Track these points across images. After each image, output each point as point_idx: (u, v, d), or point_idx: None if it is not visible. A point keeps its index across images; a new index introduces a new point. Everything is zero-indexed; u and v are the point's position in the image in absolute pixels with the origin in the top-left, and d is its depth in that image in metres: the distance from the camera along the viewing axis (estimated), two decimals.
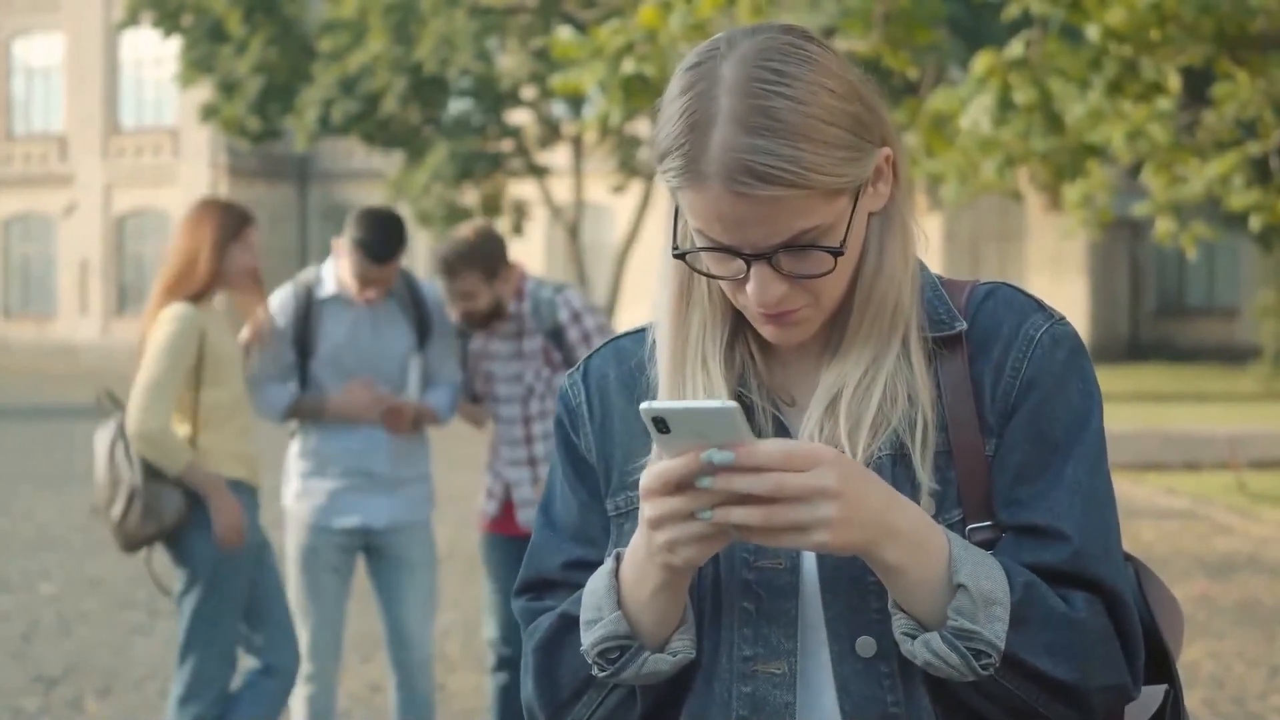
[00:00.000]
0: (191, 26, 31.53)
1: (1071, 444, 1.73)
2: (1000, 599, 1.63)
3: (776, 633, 1.74)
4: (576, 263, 31.28)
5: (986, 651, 1.62)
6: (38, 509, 13.44)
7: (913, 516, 1.65)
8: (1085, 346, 1.78)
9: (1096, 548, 1.70)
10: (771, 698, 1.74)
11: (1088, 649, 1.67)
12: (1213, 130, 12.88)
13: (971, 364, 1.76)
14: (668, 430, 1.58)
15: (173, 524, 4.98)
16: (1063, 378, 1.75)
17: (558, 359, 5.45)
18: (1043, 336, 1.75)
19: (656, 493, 1.61)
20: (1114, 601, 1.70)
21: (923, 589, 1.64)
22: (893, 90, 24.64)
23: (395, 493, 5.39)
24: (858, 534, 1.60)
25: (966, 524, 1.72)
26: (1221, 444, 16.82)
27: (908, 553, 1.63)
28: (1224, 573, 10.31)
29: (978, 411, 1.74)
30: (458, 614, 8.54)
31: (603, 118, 9.58)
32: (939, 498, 1.72)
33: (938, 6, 9.91)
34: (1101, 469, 1.74)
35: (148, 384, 4.95)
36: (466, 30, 28.39)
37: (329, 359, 5.34)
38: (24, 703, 7.08)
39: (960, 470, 1.73)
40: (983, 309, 1.78)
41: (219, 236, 5.06)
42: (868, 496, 1.61)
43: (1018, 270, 38.92)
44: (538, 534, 1.91)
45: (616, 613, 1.74)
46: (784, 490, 1.56)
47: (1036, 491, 1.72)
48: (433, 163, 29.84)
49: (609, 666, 1.75)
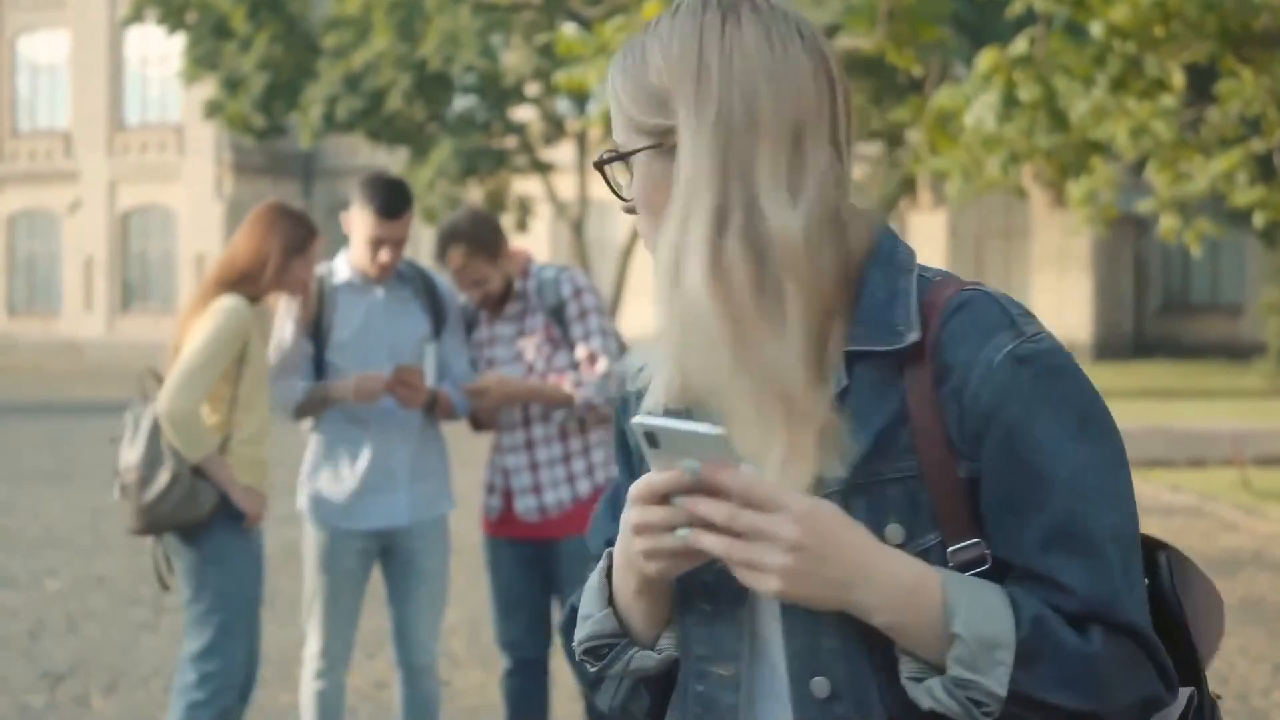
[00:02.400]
0: (196, 23, 31.56)
1: (1054, 476, 1.64)
2: (1003, 640, 1.58)
3: (728, 635, 1.76)
4: (581, 259, 31.27)
5: (986, 701, 1.58)
6: (44, 507, 13.46)
7: (895, 569, 1.61)
8: (1067, 363, 1.68)
9: (1102, 596, 1.62)
10: (719, 699, 1.77)
11: (1107, 677, 1.61)
12: (1217, 127, 12.88)
13: (936, 384, 1.67)
14: (658, 445, 1.60)
15: (206, 513, 4.98)
16: (1031, 403, 1.64)
17: (558, 335, 5.43)
18: (1003, 360, 1.65)
19: (642, 500, 1.63)
20: (1133, 635, 1.63)
21: (921, 638, 1.61)
22: (897, 87, 24.65)
23: (414, 489, 5.36)
24: (816, 590, 1.59)
25: (946, 546, 1.66)
26: (1226, 441, 16.82)
27: (892, 607, 1.60)
28: (1229, 570, 10.31)
29: (944, 434, 1.66)
30: (464, 611, 8.55)
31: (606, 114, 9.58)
32: (910, 522, 1.66)
33: (942, 4, 9.91)
34: (1097, 502, 1.64)
35: (186, 368, 4.93)
36: (471, 27, 28.39)
37: (345, 346, 5.30)
38: (30, 699, 7.10)
39: (934, 492, 1.67)
40: (952, 322, 1.68)
41: (288, 246, 5.07)
42: (837, 555, 1.58)
43: (1022, 267, 38.91)
44: (598, 509, 1.98)
45: (605, 610, 1.79)
46: (737, 524, 1.57)
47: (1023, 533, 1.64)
48: (437, 159, 29.85)
49: (597, 662, 1.80)
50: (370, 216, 5.20)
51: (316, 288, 5.33)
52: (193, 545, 5.07)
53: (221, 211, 42.91)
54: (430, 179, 29.88)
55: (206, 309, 5.03)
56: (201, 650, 5.07)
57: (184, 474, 4.95)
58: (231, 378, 5.05)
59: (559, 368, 5.40)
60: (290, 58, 30.81)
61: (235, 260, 5.09)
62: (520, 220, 31.69)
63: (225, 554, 5.06)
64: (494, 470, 5.51)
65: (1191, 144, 12.89)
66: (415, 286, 5.42)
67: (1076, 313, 38.33)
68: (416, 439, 5.37)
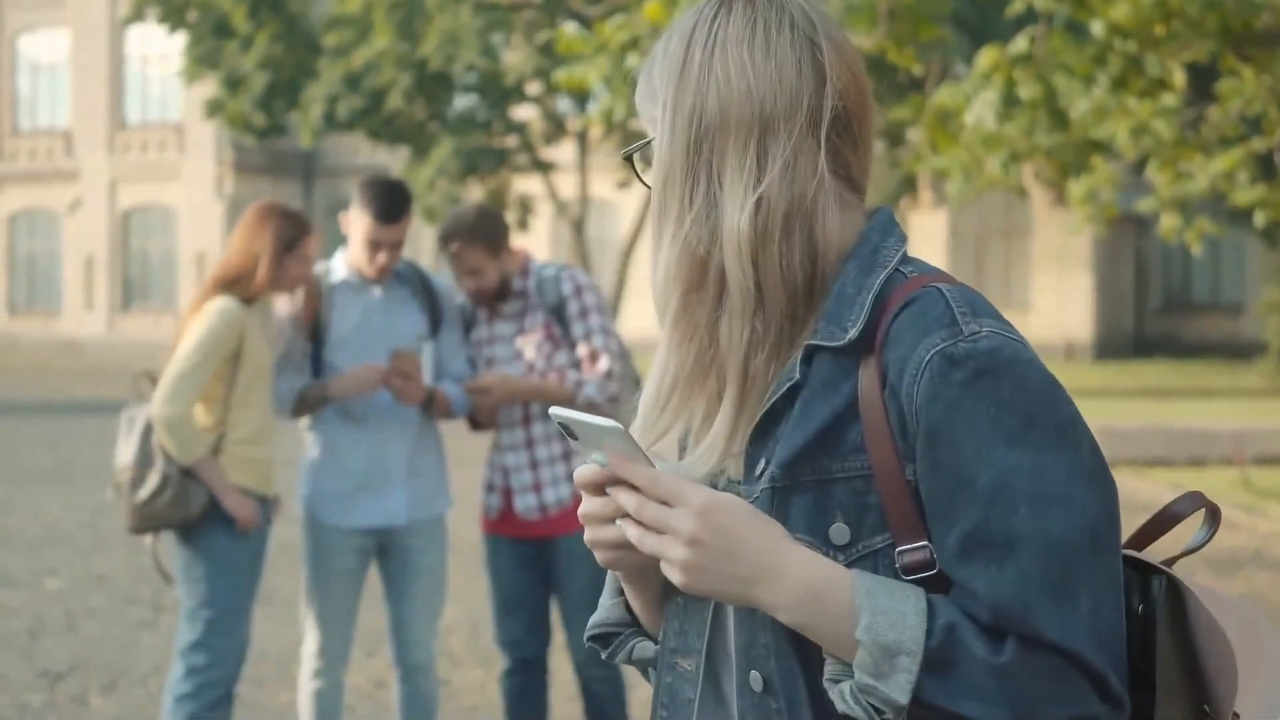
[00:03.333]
0: (197, 22, 31.56)
1: (975, 483, 1.58)
2: (908, 648, 1.55)
3: (693, 630, 1.78)
4: (582, 258, 31.28)
5: (883, 708, 1.57)
6: (43, 505, 13.45)
7: (803, 571, 1.60)
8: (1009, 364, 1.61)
9: (1010, 606, 1.56)
10: (681, 692, 1.79)
11: (1024, 689, 1.56)
12: (1217, 126, 12.87)
13: (882, 383, 1.64)
14: (575, 438, 1.65)
15: (197, 513, 5.01)
16: (959, 404, 1.60)
17: (558, 334, 5.42)
18: (933, 359, 1.61)
19: (581, 490, 1.68)
20: (1055, 652, 1.56)
21: (829, 640, 1.61)
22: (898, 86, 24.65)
23: (413, 487, 5.36)
24: (717, 585, 1.61)
25: (896, 547, 1.63)
26: (1226, 440, 16.80)
27: (800, 607, 1.60)
28: (1229, 569, 10.31)
29: (891, 434, 1.63)
30: (463, 610, 8.54)
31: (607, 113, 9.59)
32: (857, 523, 1.64)
33: (943, 3, 9.91)
34: (1018, 511, 1.57)
35: (178, 372, 4.98)
36: (471, 26, 28.40)
37: (342, 344, 5.30)
38: (30, 698, 7.09)
39: (884, 493, 1.63)
40: (898, 320, 1.65)
41: (279, 245, 5.08)
42: (740, 549, 1.60)
43: (1022, 266, 38.92)
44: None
45: (613, 600, 1.84)
46: (641, 515, 1.61)
47: (945, 538, 1.61)
48: (438, 159, 29.86)
49: (605, 649, 1.85)
50: (368, 219, 5.20)
51: (313, 286, 5.32)
52: (186, 543, 5.10)
53: (222, 211, 42.92)
54: (431, 178, 29.89)
55: (199, 312, 5.06)
56: (189, 645, 5.10)
57: (173, 475, 4.99)
58: (225, 378, 5.06)
59: (559, 366, 5.40)
60: (291, 57, 30.81)
61: (229, 261, 5.12)
62: (521, 219, 31.69)
63: (218, 553, 5.08)
64: (493, 469, 5.50)
65: (1192, 143, 12.89)
66: (413, 286, 5.42)
67: (1077, 312, 38.33)
68: (414, 437, 5.37)
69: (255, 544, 5.16)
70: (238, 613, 5.14)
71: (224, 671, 5.12)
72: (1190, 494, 1.76)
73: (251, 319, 5.10)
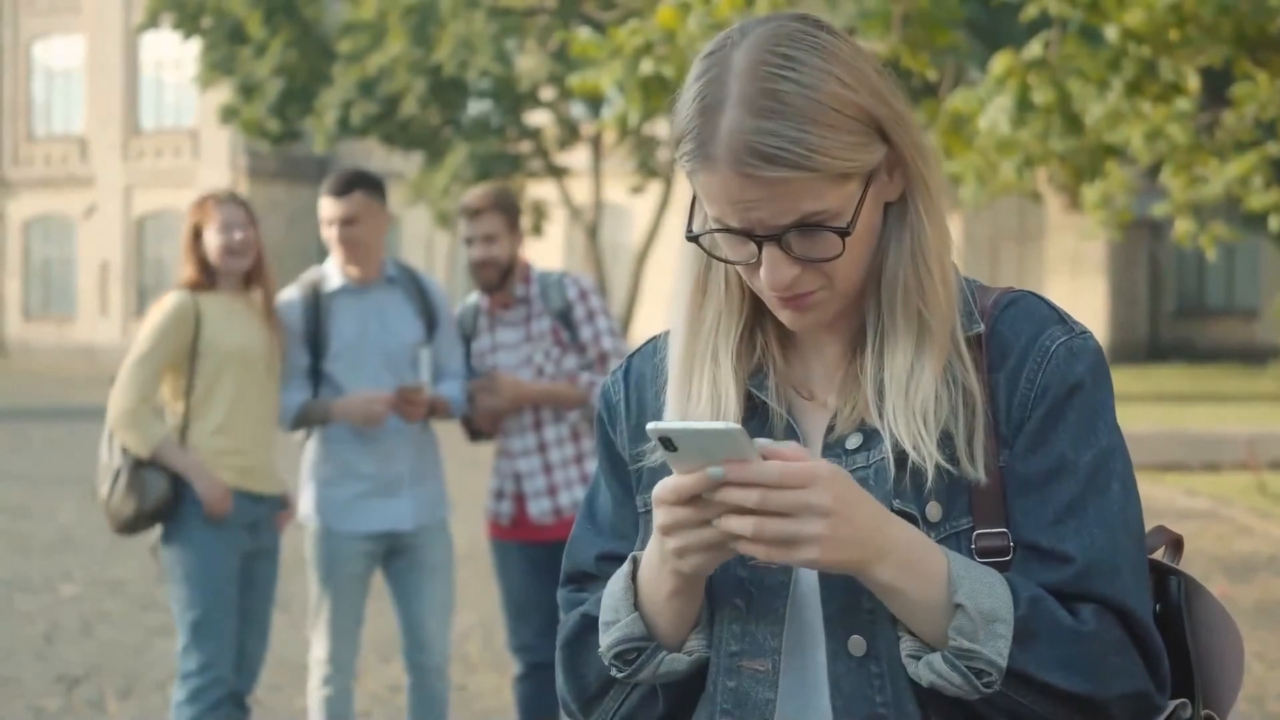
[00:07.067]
0: (211, 28, 31.64)
1: (1078, 461, 1.71)
2: (1003, 616, 1.64)
3: (763, 630, 1.77)
4: (595, 263, 31.30)
5: (987, 670, 1.63)
6: (59, 511, 13.48)
7: (907, 537, 1.66)
8: (1105, 364, 1.77)
9: (1103, 566, 1.69)
10: (754, 694, 1.77)
11: (1100, 660, 1.66)
12: (1232, 131, 12.85)
13: (990, 371, 1.74)
14: (675, 449, 1.61)
15: (154, 505, 5.01)
16: (1075, 392, 1.73)
17: (566, 339, 5.45)
18: (1058, 349, 1.74)
19: (667, 502, 1.64)
20: (1125, 617, 1.69)
21: (922, 610, 1.66)
22: (912, 91, 24.61)
23: (416, 493, 5.38)
24: (848, 553, 1.62)
25: (976, 530, 1.71)
26: (1241, 445, 16.78)
27: (902, 573, 1.65)
28: (1243, 574, 10.30)
29: (993, 419, 1.73)
30: (477, 615, 8.55)
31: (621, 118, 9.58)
32: (949, 503, 1.72)
33: (956, 8, 9.90)
34: (1112, 487, 1.72)
35: (125, 365, 5.12)
36: (485, 32, 28.44)
37: (341, 355, 5.33)
38: (46, 703, 7.11)
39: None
40: (1004, 317, 1.77)
41: (192, 226, 5.17)
42: (860, 516, 1.62)
43: (1036, 271, 38.86)
44: (578, 526, 1.96)
45: (633, 615, 1.78)
46: (769, 505, 1.59)
47: (1041, 509, 1.71)
48: (452, 164, 29.90)
49: (626, 667, 1.79)
50: (323, 199, 5.29)
51: (310, 297, 5.34)
52: (168, 543, 5.11)
53: None
54: (445, 184, 29.93)
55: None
56: (180, 650, 5.13)
57: (125, 468, 5.02)
58: (184, 370, 5.09)
59: (568, 370, 5.42)
60: (305, 63, 30.87)
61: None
62: (535, 225, 31.71)
63: (196, 551, 5.07)
64: (502, 476, 5.51)
65: (1207, 148, 12.86)
66: (407, 289, 5.45)
67: (1091, 316, 38.27)
68: (415, 441, 5.40)
69: (236, 540, 5.14)
70: (222, 611, 5.10)
71: (218, 673, 5.08)
72: (1157, 528, 1.89)
73: (213, 311, 5.12)
